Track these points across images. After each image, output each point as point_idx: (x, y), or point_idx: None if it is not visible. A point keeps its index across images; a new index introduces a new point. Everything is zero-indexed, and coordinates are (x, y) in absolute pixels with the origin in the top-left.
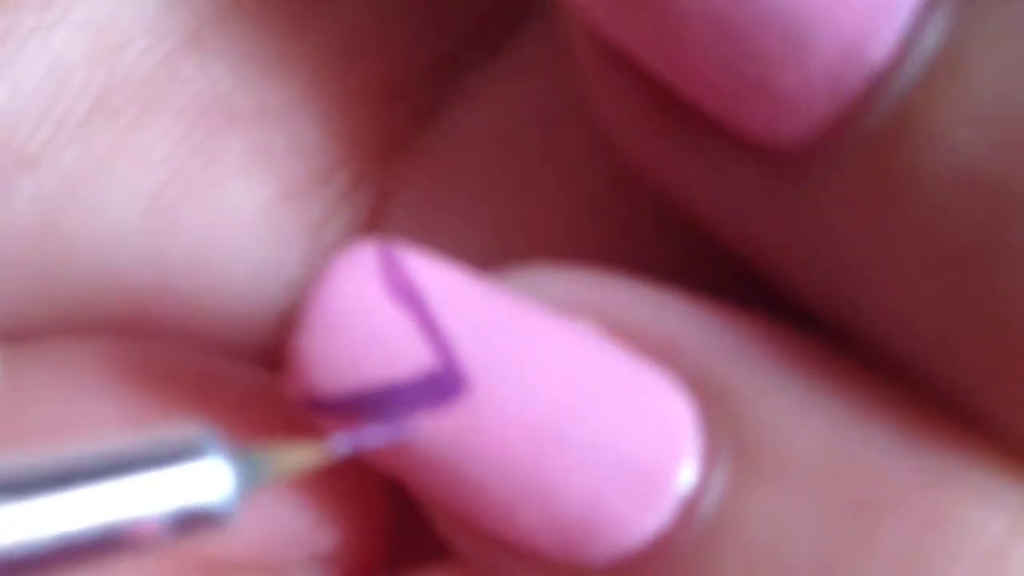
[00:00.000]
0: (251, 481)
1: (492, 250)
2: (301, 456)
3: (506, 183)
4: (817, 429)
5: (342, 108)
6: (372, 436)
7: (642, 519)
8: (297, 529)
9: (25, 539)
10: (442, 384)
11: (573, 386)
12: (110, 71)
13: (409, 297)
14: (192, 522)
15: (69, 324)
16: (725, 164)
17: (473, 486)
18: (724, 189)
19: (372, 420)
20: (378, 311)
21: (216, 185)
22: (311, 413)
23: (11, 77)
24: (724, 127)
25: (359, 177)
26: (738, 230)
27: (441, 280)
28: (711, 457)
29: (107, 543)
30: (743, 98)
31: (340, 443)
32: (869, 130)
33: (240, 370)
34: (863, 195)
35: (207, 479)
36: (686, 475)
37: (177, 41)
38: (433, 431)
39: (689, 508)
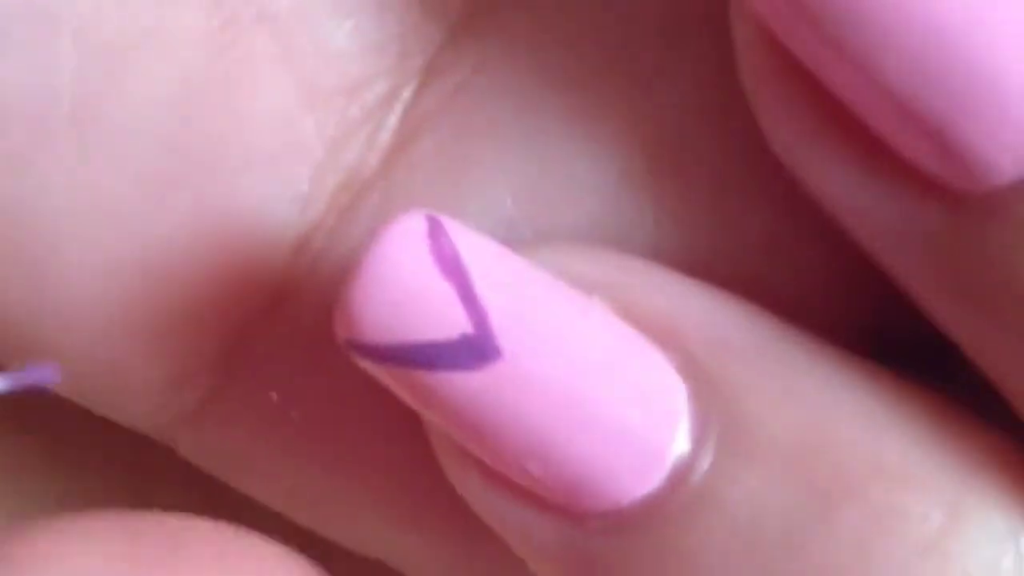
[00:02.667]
0: None
1: (514, 206)
2: None
3: (542, 135)
4: (795, 418)
5: (379, 19)
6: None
7: (637, 483)
8: None
9: None
10: (474, 347)
11: (586, 357)
12: None
13: (453, 266)
14: None
15: (89, 205)
16: (894, 187)
17: (489, 437)
18: (880, 205)
19: (408, 369)
20: (424, 275)
21: (239, 86)
22: (353, 357)
23: None
24: (899, 160)
25: (388, 95)
26: (891, 248)
27: (481, 252)
28: (701, 433)
29: None
30: (924, 139)
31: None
32: None
33: None
34: None
35: None
36: (679, 447)
37: None
38: (461, 386)
39: (679, 477)
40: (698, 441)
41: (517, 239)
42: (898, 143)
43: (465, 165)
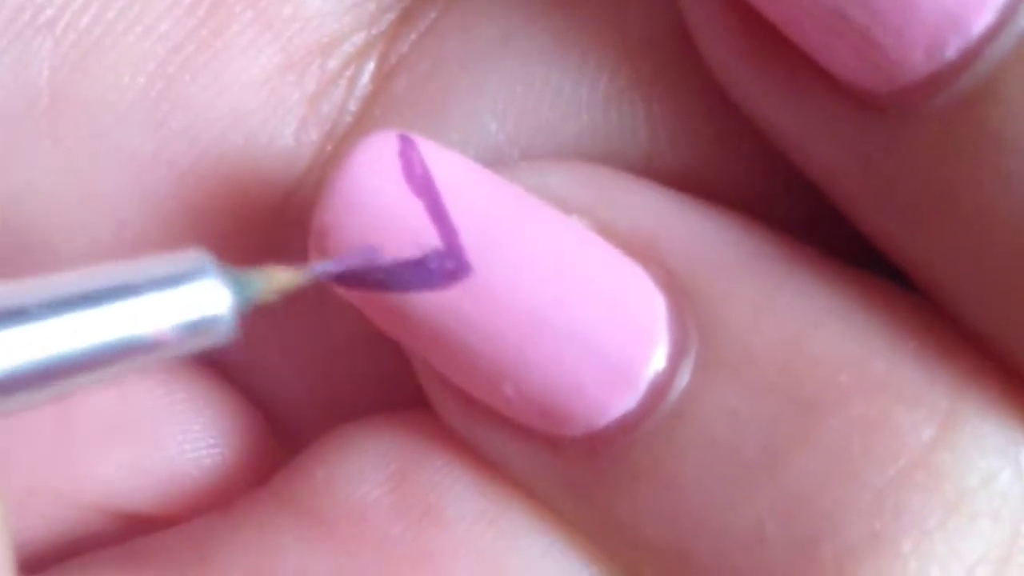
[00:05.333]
0: (245, 299)
1: (499, 131)
2: (287, 278)
3: (525, 59)
4: (776, 330)
5: None
6: (351, 264)
7: (615, 402)
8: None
9: (62, 349)
10: (445, 264)
11: (560, 276)
12: None
13: (423, 184)
14: (199, 331)
15: (71, 190)
16: (817, 98)
17: (464, 356)
18: (813, 121)
19: (379, 291)
20: (394, 194)
21: (219, 55)
22: (328, 282)
23: None
24: (820, 66)
25: (365, 47)
26: (819, 160)
27: (453, 170)
28: (680, 349)
29: (133, 349)
30: (844, 43)
31: (322, 268)
32: (960, 92)
33: None
34: (947, 149)
35: (210, 296)
36: (656, 363)
37: None
38: (434, 304)
39: (657, 394)
40: (676, 358)
41: (506, 163)
42: (817, 52)
43: (443, 96)
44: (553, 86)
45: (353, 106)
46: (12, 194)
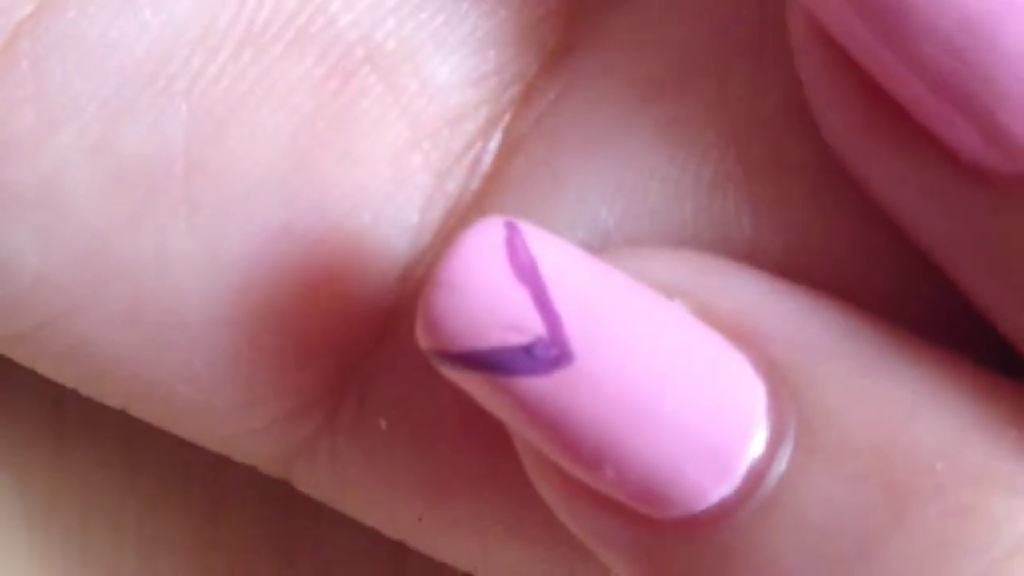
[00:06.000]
0: None
1: (609, 216)
2: None
3: (635, 146)
4: (874, 417)
5: (476, 51)
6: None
7: (713, 487)
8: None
9: None
10: (548, 352)
11: (661, 362)
12: (258, 3)
13: (528, 271)
14: None
15: (200, 257)
16: (937, 174)
17: (565, 439)
18: (932, 195)
19: (485, 376)
20: (499, 281)
21: (350, 129)
22: (434, 364)
23: (164, 6)
24: (943, 143)
25: (488, 123)
26: (936, 235)
27: (558, 257)
28: (778, 435)
29: None
30: (967, 122)
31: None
32: None
33: None
34: None
35: None
36: (755, 450)
37: None
38: (536, 390)
39: (754, 480)
40: (774, 445)
41: (609, 248)
42: (941, 129)
43: (558, 180)
44: (661, 172)
45: (475, 184)
46: (142, 257)
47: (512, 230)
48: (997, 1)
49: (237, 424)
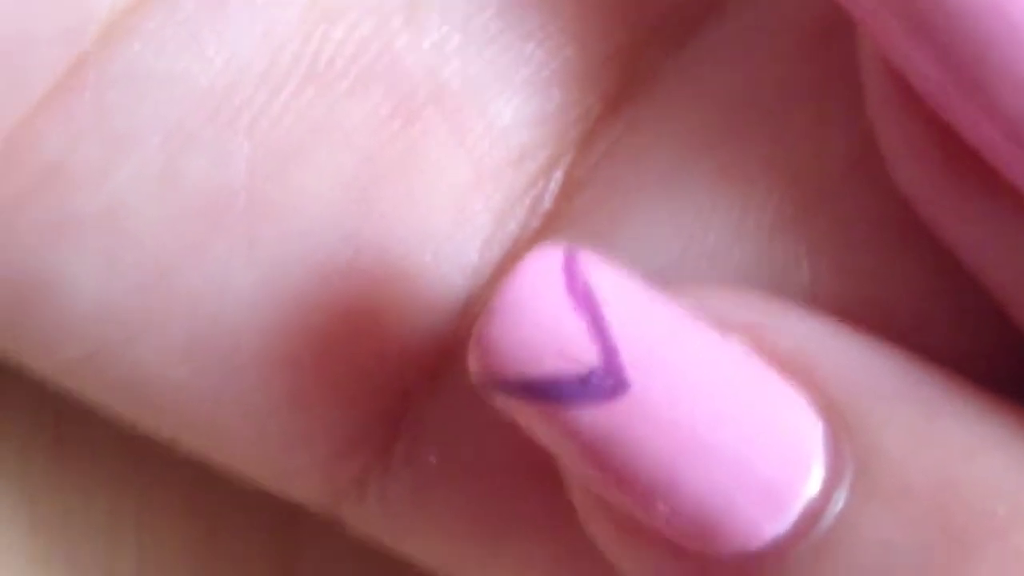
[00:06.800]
0: None
1: (666, 258)
2: None
3: (693, 189)
4: (932, 459)
5: (540, 91)
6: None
7: (767, 525)
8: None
9: None
10: (603, 381)
11: (717, 396)
12: (323, 40)
13: (585, 300)
14: None
15: (261, 292)
16: (1010, 219)
17: (619, 472)
18: (1005, 242)
19: (539, 404)
20: (556, 309)
21: (412, 169)
22: (484, 390)
23: (228, 42)
24: (1016, 189)
25: (549, 164)
26: (1006, 281)
27: (615, 286)
28: (835, 476)
29: None
30: None
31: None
32: None
33: None
34: None
35: None
36: (811, 490)
37: (391, 12)
38: (590, 420)
39: (809, 520)
40: (830, 483)
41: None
42: (1012, 172)
43: (616, 222)
44: (720, 216)
45: (535, 223)
46: (201, 289)
47: (571, 257)
48: None
49: (288, 461)
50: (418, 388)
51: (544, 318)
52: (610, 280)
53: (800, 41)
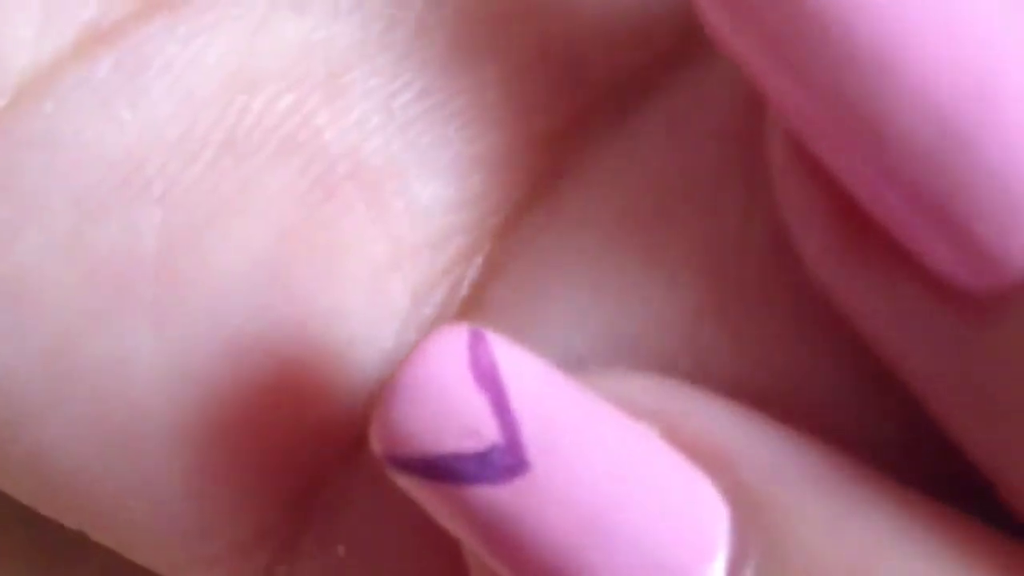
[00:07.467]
0: None
1: (584, 343)
2: None
3: (617, 274)
4: (842, 553)
5: (462, 174)
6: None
7: None
8: None
9: None
10: (504, 459)
11: (620, 480)
12: (242, 111)
13: (489, 378)
14: None
15: (165, 366)
16: (913, 296)
17: (519, 554)
18: (908, 321)
19: (439, 483)
20: (458, 386)
21: (329, 247)
22: (386, 469)
23: (144, 108)
24: (917, 261)
25: (470, 248)
26: (913, 361)
27: (520, 367)
28: (739, 561)
29: None
30: (942, 235)
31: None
32: None
33: None
34: None
35: None
36: (714, 575)
37: (312, 88)
38: (490, 500)
39: None
40: (735, 569)
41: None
42: (915, 243)
43: (536, 306)
44: (641, 301)
45: (452, 309)
46: (106, 360)
47: (476, 337)
48: (978, 111)
49: (193, 550)
50: (329, 472)
51: (446, 395)
52: (515, 360)
53: (734, 120)
